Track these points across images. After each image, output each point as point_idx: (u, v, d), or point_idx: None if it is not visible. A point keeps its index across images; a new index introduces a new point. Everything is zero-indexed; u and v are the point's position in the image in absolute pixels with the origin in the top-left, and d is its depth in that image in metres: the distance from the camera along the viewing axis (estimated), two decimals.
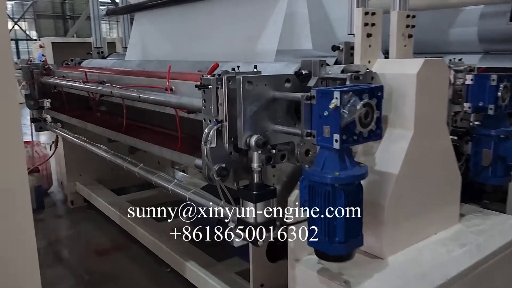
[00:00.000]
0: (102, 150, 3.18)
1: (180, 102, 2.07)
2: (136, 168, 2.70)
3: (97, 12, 4.40)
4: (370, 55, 2.02)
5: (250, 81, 1.62)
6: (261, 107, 1.67)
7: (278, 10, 2.52)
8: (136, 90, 2.46)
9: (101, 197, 4.19)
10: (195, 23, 3.14)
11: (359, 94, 1.54)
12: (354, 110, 1.51)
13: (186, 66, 2.84)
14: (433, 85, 1.95)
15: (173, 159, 2.29)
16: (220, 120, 1.68)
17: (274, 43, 2.49)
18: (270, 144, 1.72)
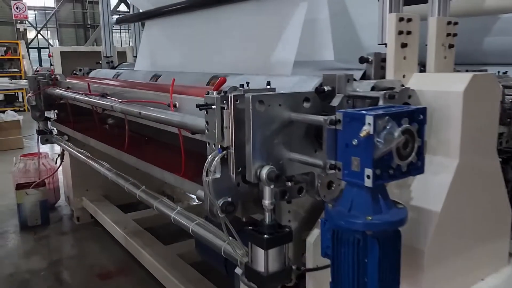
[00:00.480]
0: (105, 168, 2.94)
1: (182, 122, 1.80)
2: (138, 190, 2.44)
3: (107, 20, 4.21)
4: (405, 69, 1.71)
5: (262, 100, 1.34)
6: (274, 132, 1.38)
7: (296, 17, 2.24)
8: (138, 106, 2.21)
9: (107, 215, 3.95)
10: (207, 31, 2.88)
11: (397, 119, 1.23)
12: (391, 138, 1.21)
13: (195, 79, 2.59)
14: (483, 105, 1.63)
15: (176, 185, 2.01)
16: (225, 147, 1.40)
17: (292, 54, 2.21)
18: (285, 176, 1.43)
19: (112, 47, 4.23)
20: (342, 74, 1.54)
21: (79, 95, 2.97)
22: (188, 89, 2.15)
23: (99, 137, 3.08)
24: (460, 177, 1.58)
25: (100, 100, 2.64)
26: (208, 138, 1.43)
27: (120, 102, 2.37)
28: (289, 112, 1.41)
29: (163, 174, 2.08)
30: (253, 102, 1.32)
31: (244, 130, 1.38)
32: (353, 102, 1.57)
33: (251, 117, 1.33)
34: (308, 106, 1.45)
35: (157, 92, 2.24)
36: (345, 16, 2.52)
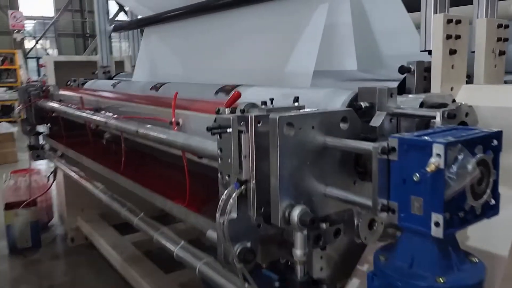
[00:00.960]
0: (99, 189, 2.64)
1: (187, 144, 1.51)
2: (135, 218, 2.14)
3: (104, 27, 3.94)
4: (453, 80, 1.43)
5: (291, 122, 1.05)
6: (306, 161, 1.09)
7: (315, 20, 1.96)
8: (135, 123, 1.92)
9: (103, 237, 3.64)
10: (212, 38, 2.61)
11: (471, 147, 0.95)
12: (465, 173, 0.92)
13: (200, 90, 2.30)
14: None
15: (180, 217, 1.72)
16: (244, 180, 1.11)
17: (311, 63, 1.93)
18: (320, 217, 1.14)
19: (109, 56, 3.96)
20: (383, 87, 1.26)
21: (71, 109, 2.69)
22: (192, 103, 1.87)
23: (93, 155, 2.78)
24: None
25: (93, 116, 2.36)
26: (222, 168, 1.14)
27: (115, 118, 2.09)
28: (324, 136, 1.12)
29: (166, 204, 1.79)
30: (281, 124, 1.03)
31: (267, 159, 1.09)
32: (397, 122, 1.28)
33: (278, 143, 1.04)
34: (345, 128, 1.16)
35: (157, 107, 1.96)
36: (363, 20, 2.24)
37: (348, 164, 1.19)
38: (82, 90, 3.36)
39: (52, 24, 23.34)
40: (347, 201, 1.09)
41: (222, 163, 1.13)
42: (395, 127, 1.27)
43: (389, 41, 2.20)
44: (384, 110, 1.25)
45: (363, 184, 1.22)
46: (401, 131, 1.28)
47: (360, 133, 1.20)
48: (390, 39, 2.21)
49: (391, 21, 2.19)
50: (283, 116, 1.03)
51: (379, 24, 2.22)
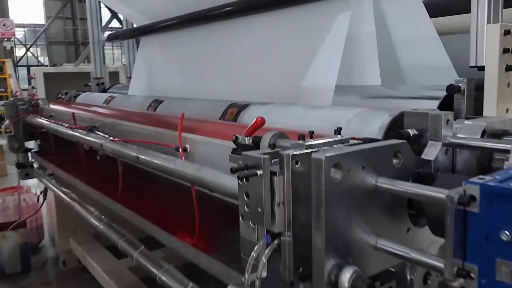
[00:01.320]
0: (93, 216, 2.41)
1: (198, 177, 1.29)
2: (135, 252, 1.91)
3: (97, 37, 3.72)
4: (509, 100, 1.23)
5: (339, 163, 0.83)
6: (354, 209, 0.88)
7: (336, 30, 1.76)
8: (134, 148, 1.70)
9: (97, 262, 3.39)
10: (217, 49, 2.40)
11: None
12: None
13: (205, 108, 2.08)
14: None
15: (189, 257, 1.49)
16: (277, 233, 0.90)
17: (332, 77, 1.73)
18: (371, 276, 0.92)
19: (103, 67, 3.74)
20: (438, 113, 1.05)
21: (62, 128, 2.46)
22: (201, 124, 1.65)
23: (86, 176, 2.55)
24: None
25: (87, 136, 2.13)
26: (250, 218, 0.92)
27: (112, 140, 1.86)
28: (375, 178, 0.90)
29: (171, 240, 1.56)
30: (328, 166, 0.82)
31: (305, 206, 0.88)
32: (453, 154, 1.07)
33: (323, 190, 0.82)
34: (399, 165, 0.95)
35: (159, 129, 1.74)
36: (383, 30, 2.04)
37: (399, 207, 0.98)
38: (74, 105, 3.13)
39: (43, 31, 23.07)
40: (406, 258, 0.88)
41: (250, 212, 0.91)
42: (451, 160, 1.07)
43: (406, 52, 2.01)
44: (438, 139, 1.04)
45: (417, 231, 1.01)
46: (457, 165, 1.08)
47: (414, 170, 0.99)
48: (408, 49, 2.01)
49: (411, 30, 1.99)
50: (330, 156, 0.82)
51: (399, 33, 2.03)
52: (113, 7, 3.35)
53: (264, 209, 0.88)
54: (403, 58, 2.01)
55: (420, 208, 0.99)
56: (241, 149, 1.17)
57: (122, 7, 3.29)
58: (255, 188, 0.89)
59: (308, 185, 0.87)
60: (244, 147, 1.16)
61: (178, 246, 1.55)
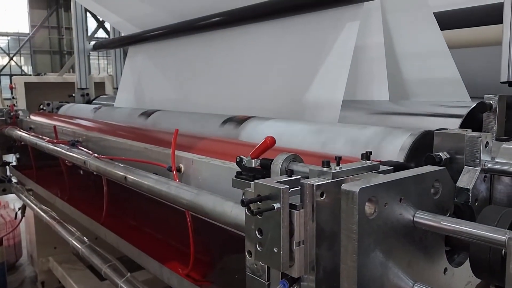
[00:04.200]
0: (75, 237, 2.21)
1: (196, 203, 1.13)
2: (120, 281, 1.73)
3: (83, 45, 3.55)
4: None
5: (375, 196, 0.69)
6: (390, 250, 0.74)
7: (344, 41, 1.64)
8: (122, 167, 1.53)
9: (78, 283, 3.17)
10: (210, 59, 2.25)
11: None
12: None
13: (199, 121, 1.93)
14: None
15: None
16: (296, 278, 0.74)
17: (339, 91, 1.60)
18: None
19: (88, 77, 3.56)
20: (476, 134, 0.92)
21: (42, 142, 2.27)
22: (196, 141, 1.50)
23: (68, 194, 2.36)
24: None
25: (69, 152, 1.95)
26: (264, 260, 0.77)
27: (96, 158, 1.69)
28: (413, 212, 0.76)
29: (162, 271, 1.39)
30: (362, 200, 0.68)
31: (332, 247, 0.73)
32: (491, 181, 0.94)
33: (356, 228, 0.68)
34: (437, 196, 0.81)
35: (149, 146, 1.58)
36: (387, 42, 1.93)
37: (436, 244, 0.84)
38: (56, 117, 2.95)
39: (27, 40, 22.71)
40: None
41: (263, 252, 0.76)
42: (489, 188, 0.93)
43: (415, 65, 1.90)
44: (475, 164, 0.91)
45: (454, 271, 0.87)
46: (495, 194, 0.95)
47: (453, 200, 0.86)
48: (416, 62, 1.91)
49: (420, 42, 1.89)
50: (365, 188, 0.67)
51: (402, 46, 1.92)
52: (101, 16, 3.20)
53: (282, 250, 0.73)
54: (407, 71, 1.91)
55: (458, 245, 0.85)
56: (247, 173, 1.02)
57: (111, 15, 3.14)
58: (270, 224, 0.74)
59: (334, 221, 0.72)
60: (250, 170, 1.01)
61: (170, 277, 1.38)
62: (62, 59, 23.86)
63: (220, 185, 1.18)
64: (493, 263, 0.75)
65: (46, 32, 23.67)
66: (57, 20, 23.70)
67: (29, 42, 22.91)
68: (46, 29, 23.44)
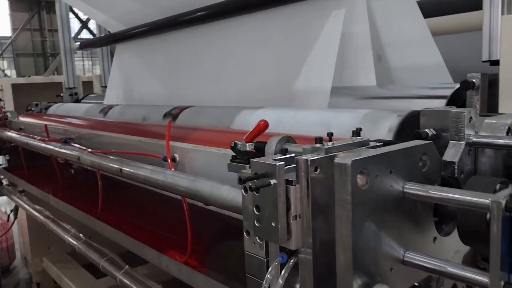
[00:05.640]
0: (70, 234, 2.23)
1: (193, 189, 1.16)
2: (119, 273, 1.75)
3: (69, 45, 3.54)
4: None
5: (366, 168, 0.73)
6: (381, 220, 0.78)
7: (330, 29, 1.67)
8: (117, 160, 1.55)
9: (74, 282, 3.18)
10: (199, 53, 2.28)
11: None
12: None
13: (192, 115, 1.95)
14: None
15: (182, 278, 1.36)
16: (294, 250, 0.78)
17: (327, 78, 1.64)
18: None
19: (75, 76, 3.55)
20: (460, 110, 0.96)
21: (34, 141, 2.27)
22: (190, 132, 1.53)
23: (61, 192, 2.37)
24: None
25: (62, 149, 1.96)
26: (263, 235, 0.81)
27: (91, 152, 1.71)
28: (403, 184, 0.80)
29: (160, 260, 1.42)
30: (354, 172, 0.71)
31: (327, 220, 0.77)
32: (474, 154, 0.99)
33: (350, 199, 0.72)
34: (425, 168, 0.86)
35: (143, 139, 1.60)
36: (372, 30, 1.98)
37: (425, 215, 0.88)
38: (46, 117, 2.94)
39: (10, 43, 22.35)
40: (441, 272, 0.78)
41: (262, 228, 0.79)
42: (473, 161, 0.98)
43: (399, 51, 1.95)
44: (460, 139, 0.95)
45: (443, 240, 0.92)
46: (481, 166, 0.99)
47: (440, 173, 0.90)
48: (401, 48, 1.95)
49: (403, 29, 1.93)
50: (357, 160, 0.71)
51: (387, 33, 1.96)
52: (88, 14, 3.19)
53: (280, 224, 0.76)
54: (392, 57, 1.95)
55: (445, 214, 0.90)
56: (242, 157, 1.05)
57: (97, 13, 3.13)
58: (267, 200, 0.77)
59: (329, 195, 0.76)
60: (245, 154, 1.04)
61: (169, 265, 1.41)
62: (46, 61, 23.54)
63: (216, 171, 1.21)
64: (478, 229, 0.80)
65: (28, 35, 23.32)
66: (39, 22, 23.35)
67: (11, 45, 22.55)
68: (28, 32, 23.09)
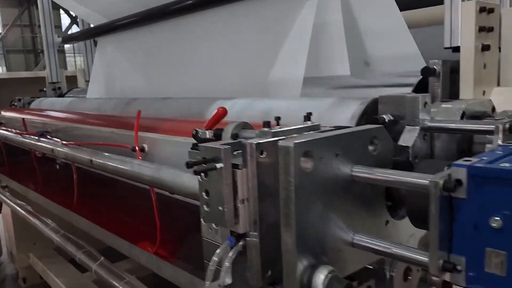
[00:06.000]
0: (49, 228, 2.23)
1: (157, 178, 1.17)
2: (94, 264, 1.75)
3: (52, 39, 3.52)
4: (485, 82, 1.18)
5: (310, 151, 0.74)
6: (327, 203, 0.79)
7: (303, 19, 1.68)
8: (88, 151, 1.55)
9: (59, 277, 3.18)
10: (179, 45, 2.27)
11: None
12: None
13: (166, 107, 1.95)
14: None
15: (151, 268, 1.36)
16: (242, 234, 0.79)
17: (300, 69, 1.64)
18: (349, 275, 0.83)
19: (59, 70, 3.53)
20: (415, 95, 0.97)
21: (10, 134, 2.26)
22: (161, 123, 1.53)
23: (41, 187, 2.37)
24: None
25: (38, 142, 1.96)
26: (212, 219, 0.81)
27: (64, 144, 1.70)
28: (351, 166, 0.81)
29: (131, 251, 1.43)
30: (297, 154, 0.72)
31: (273, 202, 0.78)
32: (430, 139, 1.00)
33: (293, 182, 0.72)
34: (376, 152, 0.87)
35: (115, 130, 1.60)
36: (350, 20, 1.98)
37: (377, 198, 0.89)
38: (27, 111, 2.92)
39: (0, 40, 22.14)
40: (386, 253, 0.79)
41: (210, 212, 0.80)
42: (429, 146, 0.99)
43: (377, 42, 1.96)
44: (415, 124, 0.96)
45: (396, 224, 0.93)
46: (436, 151, 1.01)
47: (392, 157, 0.91)
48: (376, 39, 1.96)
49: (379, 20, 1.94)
50: (299, 143, 0.72)
51: (367, 22, 1.97)
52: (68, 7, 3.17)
53: (226, 208, 0.77)
54: (370, 48, 1.96)
55: (398, 199, 0.91)
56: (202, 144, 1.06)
57: (77, 7, 3.10)
58: (215, 184, 0.78)
59: (275, 179, 0.76)
60: (205, 141, 1.05)
61: (140, 256, 1.41)
62: (37, 58, 23.35)
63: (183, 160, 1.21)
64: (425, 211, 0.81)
65: (18, 31, 23.11)
66: (30, 18, 23.13)
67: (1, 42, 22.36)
68: (18, 28, 22.89)
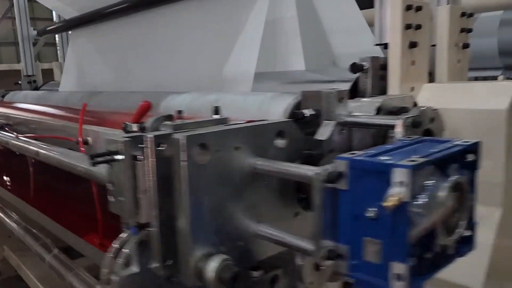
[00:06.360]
0: (12, 220, 2.24)
1: (89, 170, 1.18)
2: (48, 255, 1.78)
3: (27, 32, 3.51)
4: (413, 78, 1.21)
5: (204, 143, 0.76)
6: (228, 194, 0.81)
7: (255, 16, 1.70)
8: (36, 143, 1.57)
9: (32, 270, 3.19)
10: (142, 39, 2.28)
11: (443, 167, 0.70)
12: (437, 204, 0.68)
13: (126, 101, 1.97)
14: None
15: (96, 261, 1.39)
16: (143, 224, 0.81)
17: (251, 63, 1.66)
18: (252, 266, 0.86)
19: (34, 63, 3.53)
20: (331, 91, 1.00)
21: None
22: (108, 116, 1.55)
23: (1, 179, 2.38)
24: (506, 234, 1.07)
25: None
26: (115, 208, 0.84)
27: (17, 137, 1.72)
28: (253, 159, 0.83)
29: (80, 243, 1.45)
30: (190, 146, 0.74)
31: (175, 194, 0.80)
32: (348, 133, 1.02)
33: (187, 173, 0.75)
34: (283, 145, 0.89)
35: (66, 123, 1.62)
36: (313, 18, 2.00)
37: (286, 190, 0.92)
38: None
39: None
40: (282, 243, 0.82)
41: (115, 201, 0.82)
42: (347, 139, 1.02)
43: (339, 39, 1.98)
44: (332, 118, 0.99)
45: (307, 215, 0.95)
46: (354, 144, 1.03)
47: (305, 150, 0.93)
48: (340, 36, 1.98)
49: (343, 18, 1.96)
50: (192, 135, 0.74)
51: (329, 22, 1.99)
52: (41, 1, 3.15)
53: (127, 199, 0.79)
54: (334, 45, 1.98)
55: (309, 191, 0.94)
56: None
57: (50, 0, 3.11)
58: (117, 175, 0.80)
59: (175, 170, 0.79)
60: None
61: (85, 248, 1.44)
62: None
63: None
64: None
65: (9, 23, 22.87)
66: None
67: None
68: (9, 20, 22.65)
